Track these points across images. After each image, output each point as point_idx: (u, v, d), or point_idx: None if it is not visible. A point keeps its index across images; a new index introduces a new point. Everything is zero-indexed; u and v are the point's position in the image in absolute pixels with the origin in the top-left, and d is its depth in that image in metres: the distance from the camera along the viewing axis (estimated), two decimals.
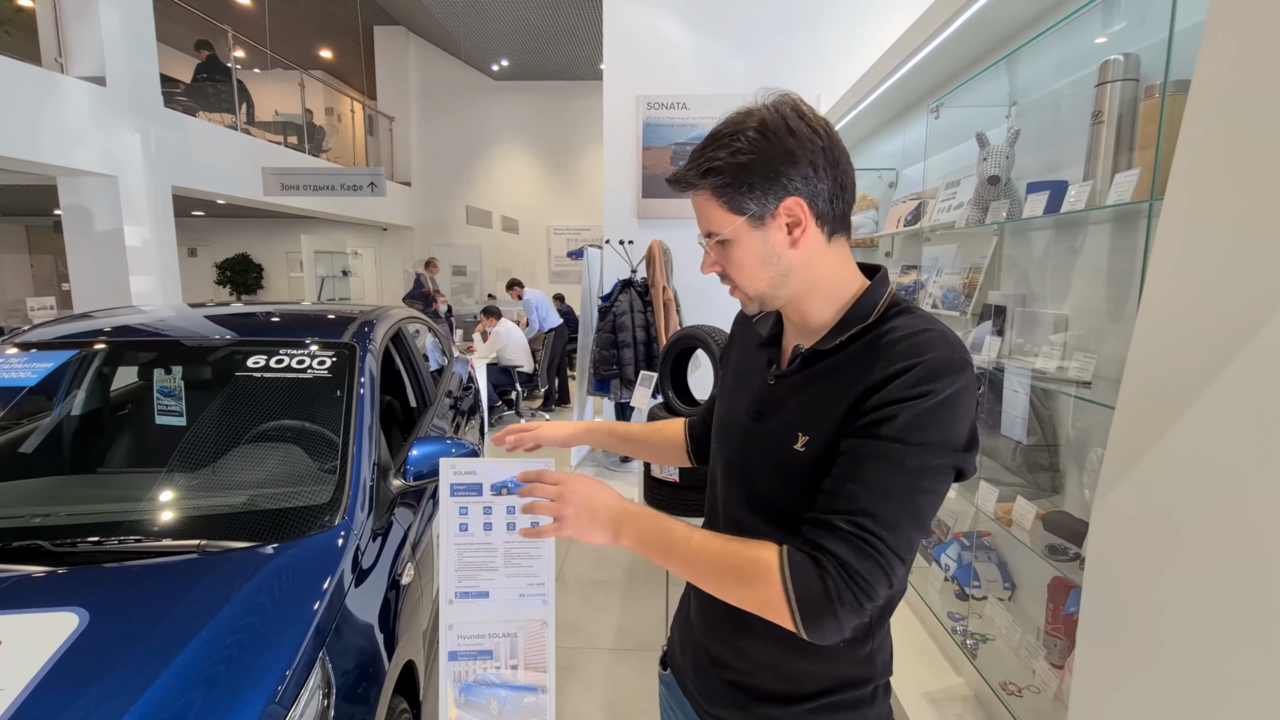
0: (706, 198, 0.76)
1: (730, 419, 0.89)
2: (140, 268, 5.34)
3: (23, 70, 4.39)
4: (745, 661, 0.84)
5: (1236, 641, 0.76)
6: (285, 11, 9.35)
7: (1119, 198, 1.13)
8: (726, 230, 0.76)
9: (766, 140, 0.72)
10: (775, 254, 0.76)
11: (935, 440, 0.66)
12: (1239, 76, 0.80)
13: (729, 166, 0.73)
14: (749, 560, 0.69)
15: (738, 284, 0.79)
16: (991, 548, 1.78)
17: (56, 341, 1.94)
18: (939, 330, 0.72)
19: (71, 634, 1.09)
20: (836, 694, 0.80)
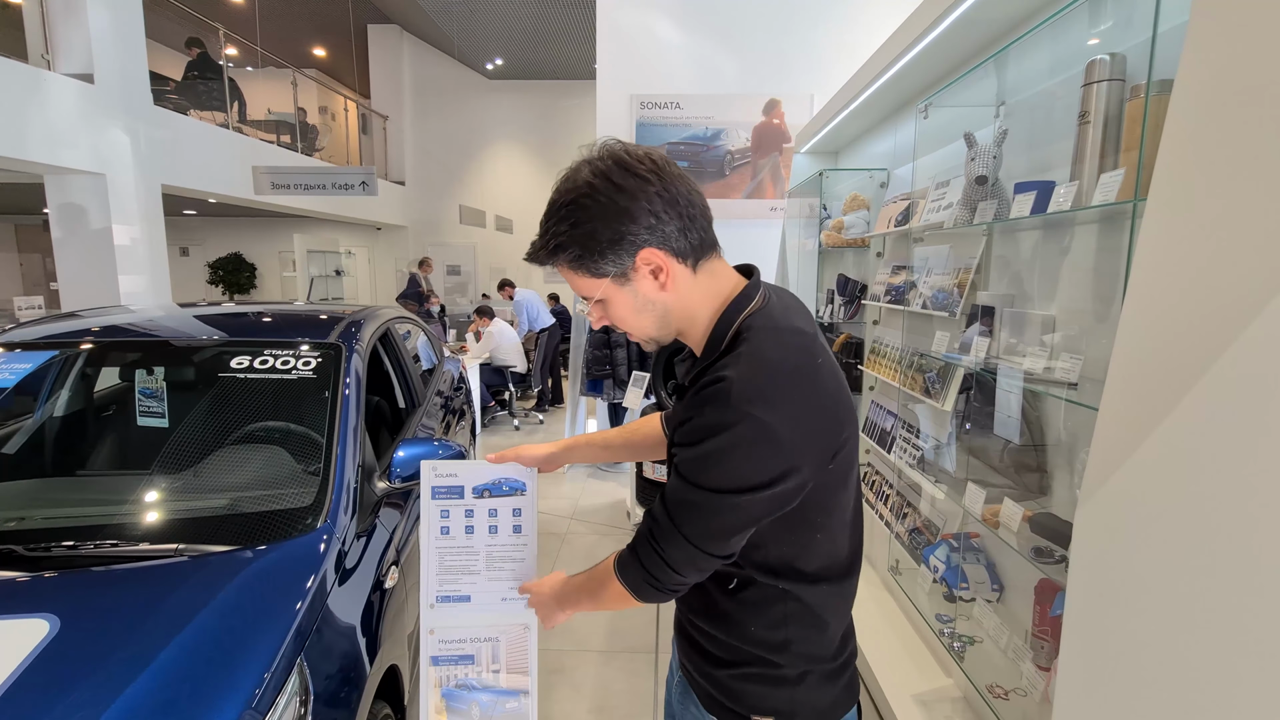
0: (566, 270, 0.81)
1: None
2: (129, 267, 5.29)
3: (8, 67, 4.35)
4: (693, 626, 0.95)
5: (1221, 645, 0.75)
6: (278, 9, 9.29)
7: (1104, 198, 1.12)
8: (597, 293, 0.82)
9: (599, 204, 0.75)
10: (649, 301, 0.82)
11: (716, 481, 0.75)
12: (1222, 76, 0.79)
13: (574, 239, 0.78)
14: (604, 573, 0.90)
15: (629, 329, 0.86)
16: (980, 549, 1.78)
17: (35, 342, 1.92)
18: (737, 382, 0.73)
19: (41, 641, 1.07)
20: (750, 666, 0.88)
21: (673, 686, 1.05)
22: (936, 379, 2.00)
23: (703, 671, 0.92)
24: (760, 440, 0.73)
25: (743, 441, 0.73)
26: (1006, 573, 1.71)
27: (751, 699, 0.88)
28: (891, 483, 2.44)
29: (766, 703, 0.88)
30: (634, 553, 0.85)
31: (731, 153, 5.07)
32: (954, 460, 1.86)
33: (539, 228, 0.83)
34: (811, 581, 0.84)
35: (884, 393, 2.60)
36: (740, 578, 0.85)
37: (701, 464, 0.76)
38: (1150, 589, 0.85)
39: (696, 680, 0.94)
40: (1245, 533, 0.72)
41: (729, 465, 0.74)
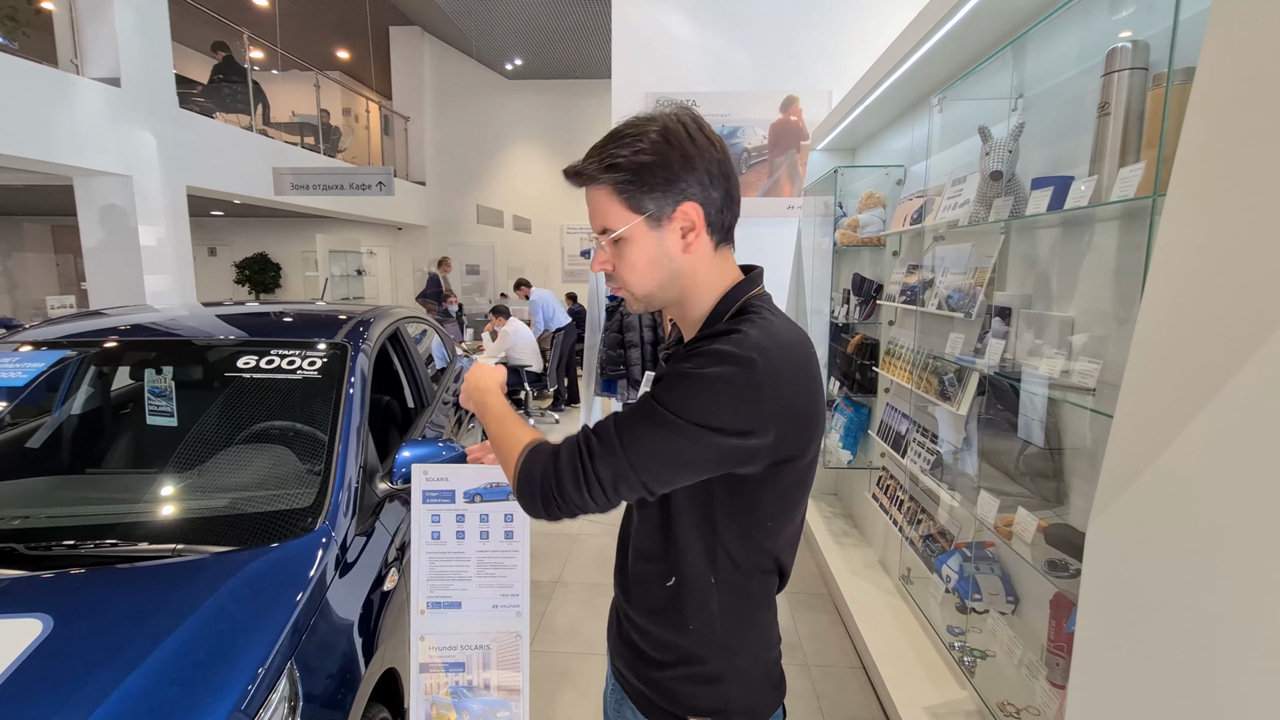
0: (606, 193, 0.78)
1: None
2: (155, 266, 5.40)
3: (39, 72, 4.46)
4: (631, 625, 0.94)
5: (1240, 664, 0.69)
6: (302, 13, 9.43)
7: (1123, 193, 1.06)
8: (623, 228, 0.78)
9: (668, 144, 0.76)
10: (668, 256, 0.80)
11: (684, 408, 0.72)
12: (1245, 65, 0.73)
13: (631, 165, 0.76)
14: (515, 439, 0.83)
15: (626, 283, 0.82)
16: (995, 559, 1.71)
17: (44, 342, 1.94)
18: (750, 334, 0.75)
19: (34, 641, 1.07)
20: (687, 666, 0.87)
21: (608, 696, 1.04)
22: (954, 381, 1.94)
23: (639, 674, 0.92)
24: (745, 386, 0.73)
25: (730, 381, 0.72)
26: (1023, 584, 1.65)
27: (688, 699, 0.87)
28: (905, 487, 2.38)
29: (702, 701, 0.87)
30: (554, 452, 0.78)
31: (748, 150, 5.01)
32: (973, 466, 1.80)
33: (591, 150, 0.80)
34: (747, 576, 0.85)
35: (899, 395, 2.54)
36: (680, 574, 0.85)
37: (680, 386, 0.74)
38: (1166, 608, 0.79)
39: (632, 684, 0.93)
40: (1268, 550, 0.67)
41: (707, 397, 0.73)
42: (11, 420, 2.06)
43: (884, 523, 2.65)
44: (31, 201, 9.04)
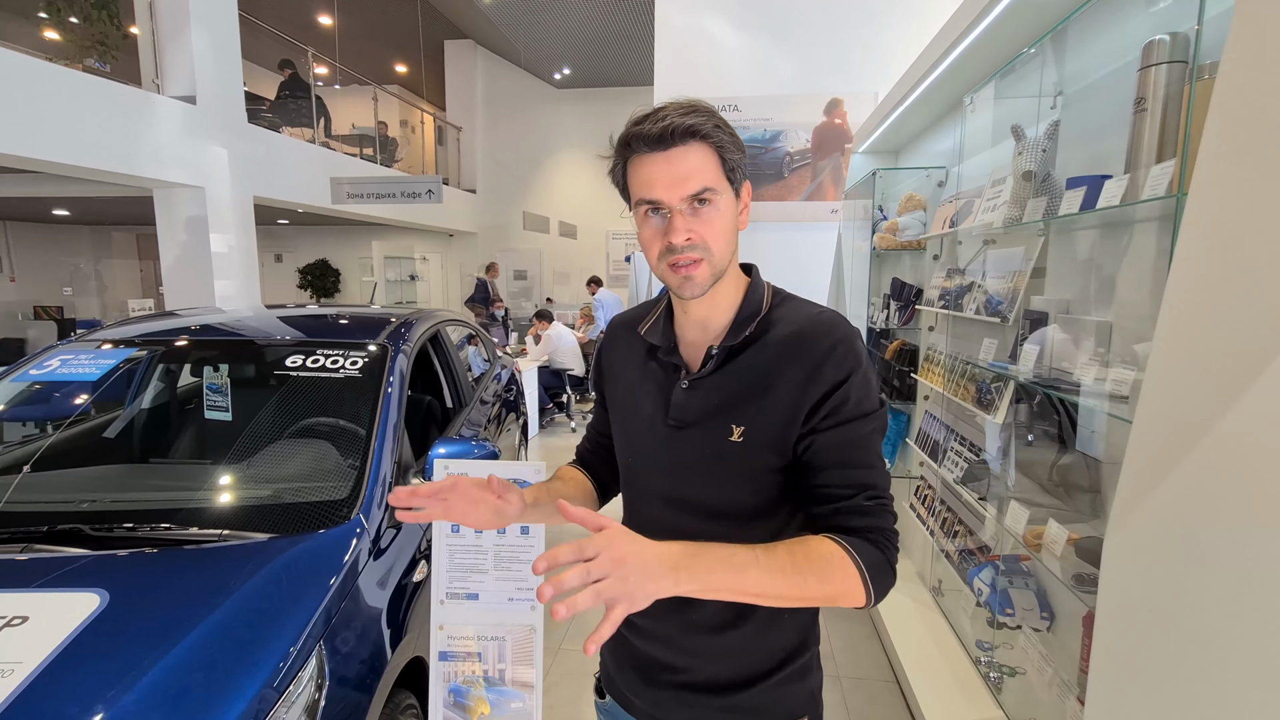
0: (711, 154, 0.75)
1: (641, 433, 0.88)
2: (224, 272, 5.75)
3: (125, 92, 4.82)
4: (697, 658, 0.85)
5: (1261, 680, 0.66)
6: (363, 30, 9.87)
7: (1154, 192, 1.01)
8: (719, 187, 0.76)
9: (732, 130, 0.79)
10: (735, 228, 0.81)
11: (872, 401, 0.77)
12: (1269, 60, 0.70)
13: (729, 133, 0.77)
14: (822, 559, 0.70)
15: (712, 252, 0.77)
16: (1030, 573, 1.65)
17: (118, 340, 2.10)
18: (825, 309, 0.82)
19: (91, 614, 1.17)
20: (788, 665, 0.84)
21: None
22: (989, 389, 1.87)
23: (721, 704, 0.85)
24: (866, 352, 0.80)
25: (867, 352, 0.80)
26: (1059, 601, 1.58)
27: (787, 702, 0.85)
28: (942, 498, 2.30)
29: (796, 701, 0.86)
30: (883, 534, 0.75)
31: (790, 154, 4.96)
32: (1011, 477, 1.74)
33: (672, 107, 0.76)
34: None
35: (938, 403, 2.46)
36: None
37: (870, 383, 0.77)
38: (1185, 621, 0.75)
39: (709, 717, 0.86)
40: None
41: (873, 377, 0.79)
42: (90, 413, 2.24)
43: (923, 534, 2.57)
44: (119, 211, 9.75)
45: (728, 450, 0.78)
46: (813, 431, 0.76)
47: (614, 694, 0.97)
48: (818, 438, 0.75)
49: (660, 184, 0.75)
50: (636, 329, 0.91)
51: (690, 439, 0.81)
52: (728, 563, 0.65)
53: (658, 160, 0.75)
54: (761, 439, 0.77)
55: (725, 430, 0.79)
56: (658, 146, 0.74)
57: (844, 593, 0.70)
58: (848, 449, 0.75)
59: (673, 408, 0.83)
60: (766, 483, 0.79)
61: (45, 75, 4.26)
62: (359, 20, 9.54)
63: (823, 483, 0.76)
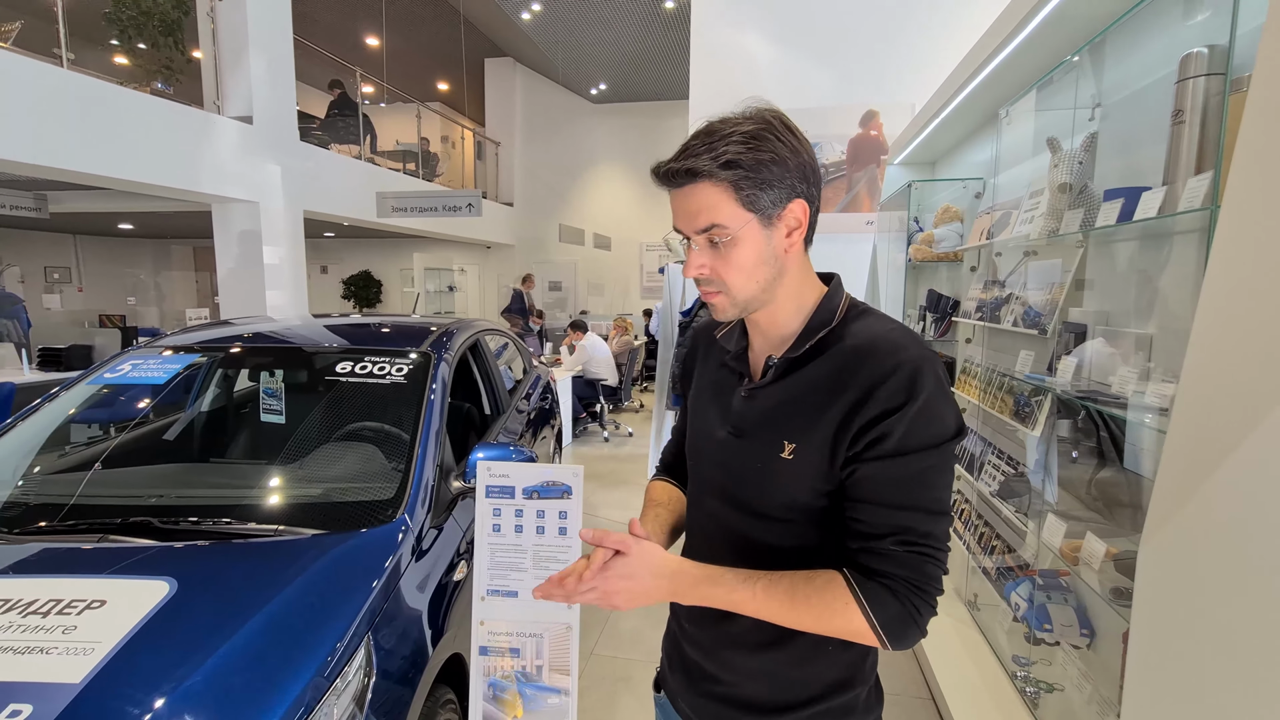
0: (720, 192, 0.72)
1: (704, 437, 0.88)
2: (275, 283, 6.00)
3: (188, 113, 5.12)
4: (733, 674, 0.84)
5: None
6: (407, 50, 10.24)
7: (1189, 204, 1.01)
8: (736, 227, 0.73)
9: (779, 141, 0.73)
10: (774, 255, 0.76)
11: (930, 439, 0.70)
12: None
13: (751, 161, 0.71)
14: (824, 598, 0.71)
15: (729, 286, 0.76)
16: (1069, 589, 1.62)
17: (180, 346, 2.23)
18: (900, 327, 0.75)
19: (162, 599, 1.26)
20: (827, 700, 0.80)
21: None
22: (1027, 402, 1.86)
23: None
24: (943, 376, 0.72)
25: (940, 379, 0.70)
26: (1100, 618, 1.55)
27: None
28: (979, 512, 2.27)
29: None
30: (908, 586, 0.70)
31: (826, 166, 4.96)
32: (1052, 491, 1.71)
33: (692, 145, 0.74)
34: None
35: (975, 415, 2.44)
36: None
37: (930, 414, 0.69)
38: (1220, 632, 0.75)
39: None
40: None
41: (947, 406, 0.71)
42: (150, 416, 2.38)
43: (961, 550, 2.54)
44: (178, 225, 10.27)
45: (779, 466, 0.77)
46: (856, 459, 0.71)
47: (667, 692, 0.99)
48: (860, 467, 0.71)
49: (678, 217, 0.77)
50: (715, 333, 0.92)
51: (745, 449, 0.81)
52: (725, 599, 0.74)
53: (673, 196, 0.77)
54: (810, 460, 0.74)
55: (777, 446, 0.77)
56: (669, 184, 0.77)
57: (848, 631, 0.70)
58: (889, 485, 0.70)
59: (732, 415, 0.83)
60: (817, 507, 0.76)
61: (119, 99, 4.56)
62: (404, 40, 9.90)
63: (856, 516, 0.72)
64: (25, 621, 1.18)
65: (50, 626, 1.17)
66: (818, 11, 4.85)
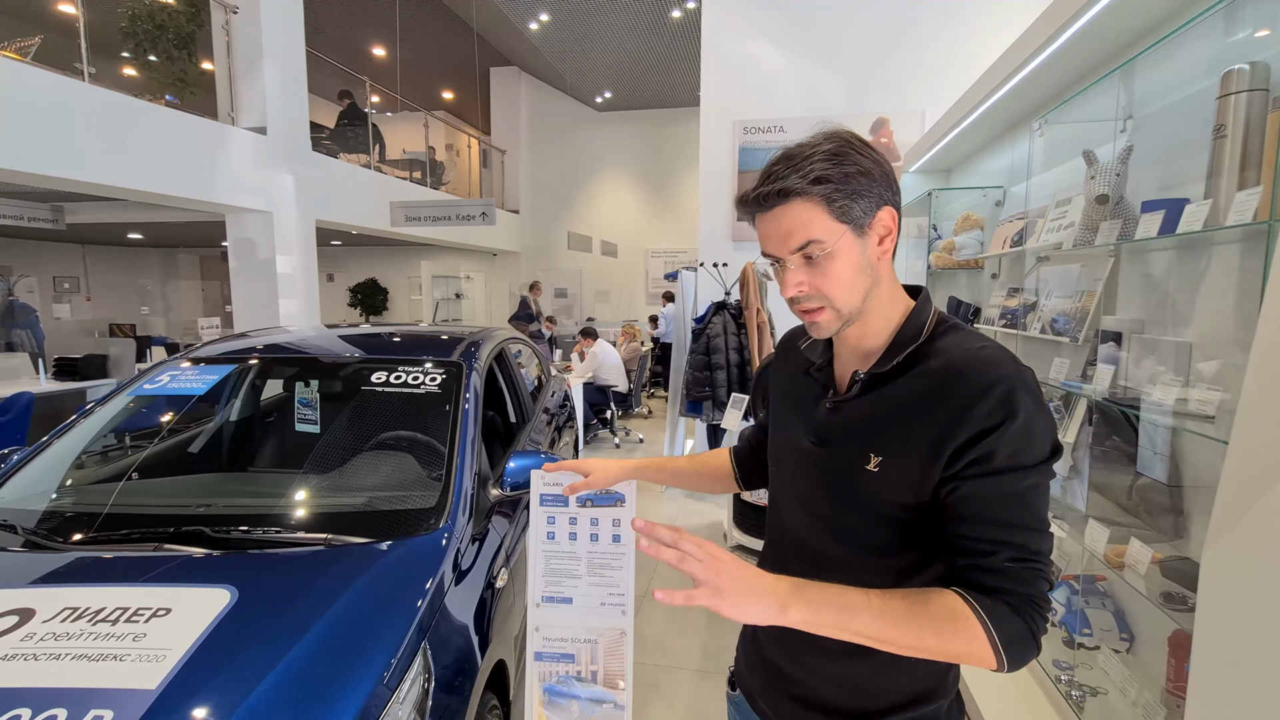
0: (814, 207, 0.74)
1: (788, 445, 0.90)
2: (288, 292, 6.04)
3: (203, 124, 5.17)
4: (814, 677, 0.86)
5: None
6: (414, 59, 10.31)
7: (1239, 218, 1.04)
8: (831, 240, 0.74)
9: (860, 154, 0.75)
10: (870, 264, 0.77)
11: (1034, 456, 0.70)
12: None
13: (839, 175, 0.73)
14: (944, 616, 0.68)
15: (832, 300, 0.77)
16: (1107, 594, 1.64)
17: (217, 357, 2.26)
18: (991, 344, 0.75)
19: (225, 606, 1.28)
20: (910, 710, 0.81)
21: None
22: (1060, 408, 1.88)
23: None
24: (1039, 394, 0.72)
25: (1037, 397, 0.71)
26: (1138, 621, 1.57)
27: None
28: None
29: None
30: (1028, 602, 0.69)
31: None
32: (1083, 496, 1.73)
33: (774, 170, 0.76)
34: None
35: None
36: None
37: (1031, 434, 0.70)
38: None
39: None
40: None
41: (1046, 425, 0.71)
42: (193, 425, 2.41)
43: None
44: (186, 235, 10.33)
45: (862, 478, 0.78)
46: (956, 478, 0.72)
47: (743, 689, 1.01)
48: (961, 485, 0.71)
49: (770, 241, 0.78)
50: (799, 343, 0.94)
51: (828, 460, 0.82)
52: (836, 601, 0.69)
53: (763, 220, 0.77)
54: (898, 474, 0.75)
55: (863, 458, 0.77)
56: (759, 208, 0.77)
57: (967, 654, 0.68)
58: (995, 503, 0.70)
59: (815, 425, 0.84)
60: (896, 518, 0.77)
61: (138, 112, 4.61)
62: (409, 50, 9.98)
63: (962, 534, 0.72)
64: (96, 629, 1.20)
65: (120, 634, 1.19)
66: (827, 21, 4.90)
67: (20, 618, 1.24)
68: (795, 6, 4.95)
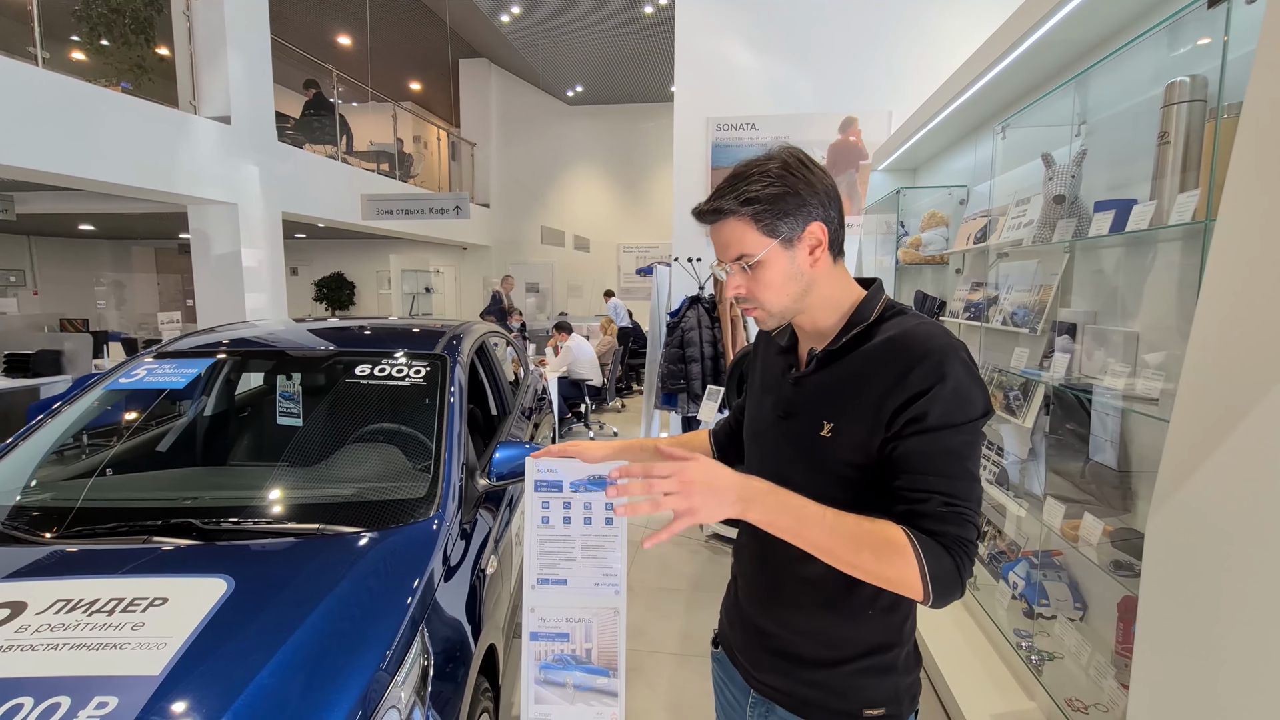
0: (744, 224, 0.86)
1: (761, 420, 1.02)
2: (254, 286, 5.91)
3: (163, 113, 5.01)
4: (788, 631, 0.96)
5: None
6: (381, 49, 10.13)
7: (1180, 218, 1.14)
8: (760, 253, 0.86)
9: (793, 175, 0.86)
10: (800, 271, 0.88)
11: (964, 415, 0.80)
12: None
13: (766, 196, 0.85)
14: (884, 540, 0.76)
15: (762, 303, 0.90)
16: (1063, 567, 1.76)
17: (198, 350, 2.24)
18: (929, 322, 0.86)
19: (222, 595, 1.29)
20: (872, 657, 0.90)
21: (744, 712, 1.05)
22: (1020, 395, 2.00)
23: (803, 679, 0.94)
24: (971, 362, 0.82)
25: (967, 365, 0.81)
26: (1090, 591, 1.69)
27: (862, 692, 0.90)
28: None
29: (877, 694, 0.90)
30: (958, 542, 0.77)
31: None
32: (1040, 479, 1.85)
33: (721, 188, 0.88)
34: None
35: None
36: None
37: (960, 395, 0.79)
38: (1225, 599, 0.88)
39: (792, 692, 0.95)
40: None
41: (976, 388, 0.81)
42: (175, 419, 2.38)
43: None
44: (140, 226, 9.96)
45: (818, 444, 0.88)
46: (896, 437, 0.81)
47: (724, 647, 1.11)
48: (901, 443, 0.80)
49: (715, 248, 0.91)
50: (771, 332, 1.05)
51: (791, 429, 0.93)
52: (797, 512, 0.78)
53: (710, 231, 0.91)
54: (848, 437, 0.85)
55: (818, 425, 0.88)
56: (702, 222, 0.91)
57: (899, 580, 0.75)
58: (930, 457, 0.79)
59: (783, 401, 0.95)
60: (851, 479, 0.86)
61: (94, 99, 4.45)
62: (376, 39, 9.80)
63: (902, 485, 0.81)
64: (91, 619, 1.21)
65: (118, 624, 1.20)
66: (799, 21, 5.00)
67: (12, 610, 1.24)
68: (768, 6, 5.04)
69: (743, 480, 0.79)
